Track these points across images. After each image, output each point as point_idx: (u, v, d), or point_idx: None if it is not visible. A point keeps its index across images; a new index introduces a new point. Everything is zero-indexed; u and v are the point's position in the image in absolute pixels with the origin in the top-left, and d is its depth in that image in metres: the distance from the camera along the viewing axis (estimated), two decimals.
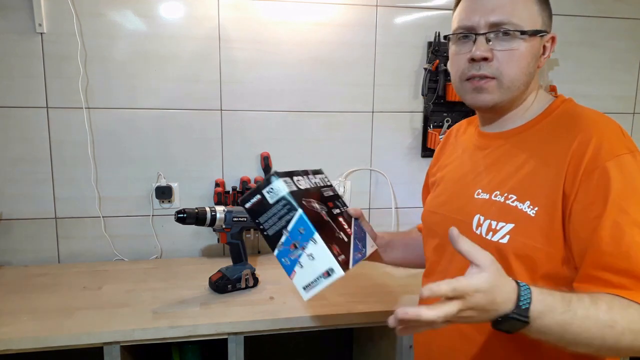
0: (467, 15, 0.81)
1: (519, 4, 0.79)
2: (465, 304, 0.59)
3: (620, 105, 1.96)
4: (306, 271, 0.79)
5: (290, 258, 0.80)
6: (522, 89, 0.82)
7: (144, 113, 1.63)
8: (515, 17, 0.78)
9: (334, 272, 0.77)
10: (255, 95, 1.69)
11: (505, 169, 0.83)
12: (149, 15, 1.58)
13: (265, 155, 1.71)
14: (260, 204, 0.79)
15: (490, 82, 0.81)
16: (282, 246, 0.80)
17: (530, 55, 0.80)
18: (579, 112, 0.80)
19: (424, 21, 1.75)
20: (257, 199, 0.80)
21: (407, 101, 1.80)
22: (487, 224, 0.80)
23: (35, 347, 1.14)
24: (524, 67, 0.80)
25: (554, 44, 0.84)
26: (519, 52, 0.78)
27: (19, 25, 1.51)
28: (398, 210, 1.87)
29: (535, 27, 0.79)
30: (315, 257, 0.78)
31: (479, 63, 0.80)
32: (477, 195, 0.85)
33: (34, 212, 1.62)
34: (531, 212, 0.75)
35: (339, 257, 0.79)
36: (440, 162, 1.05)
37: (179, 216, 1.31)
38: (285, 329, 1.27)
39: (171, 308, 1.29)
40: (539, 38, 0.80)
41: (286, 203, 0.79)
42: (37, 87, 1.55)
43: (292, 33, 1.67)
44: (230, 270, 1.43)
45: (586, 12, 1.85)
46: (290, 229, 0.79)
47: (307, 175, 0.95)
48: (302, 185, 0.87)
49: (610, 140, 0.72)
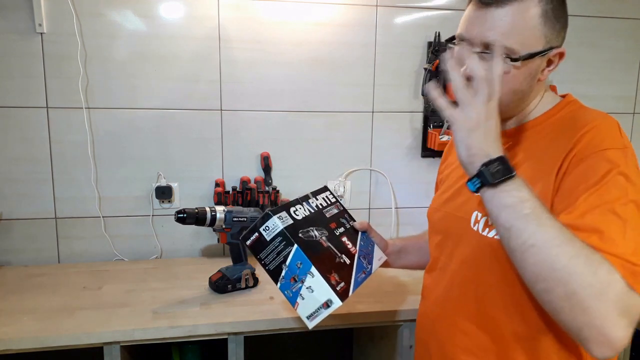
0: (467, 27, 0.79)
1: (518, 24, 0.74)
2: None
3: (620, 105, 1.96)
4: (307, 302, 0.82)
5: (292, 290, 0.83)
6: (512, 105, 0.82)
7: (144, 113, 1.63)
8: (510, 40, 0.74)
9: (333, 303, 0.81)
10: (255, 95, 1.69)
11: None
12: (148, 15, 1.58)
13: (265, 155, 1.71)
14: (259, 242, 0.83)
15: None
16: (283, 280, 0.84)
17: (523, 76, 0.78)
18: (582, 112, 0.80)
19: (424, 21, 1.75)
20: (255, 236, 0.84)
21: (407, 101, 1.80)
22: (484, 220, 0.82)
23: (35, 347, 1.14)
24: (515, 87, 0.78)
25: (562, 58, 0.81)
26: (508, 76, 0.76)
27: (19, 25, 1.51)
28: (398, 210, 1.87)
29: (534, 48, 0.76)
30: (314, 289, 0.82)
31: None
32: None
33: (34, 212, 1.62)
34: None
35: (338, 286, 0.83)
36: (448, 161, 1.06)
37: (179, 216, 1.31)
38: (285, 329, 1.27)
39: (171, 308, 1.29)
40: (539, 57, 0.77)
41: (282, 239, 0.82)
42: (37, 87, 1.55)
43: (292, 33, 1.67)
44: (230, 270, 1.43)
45: (586, 12, 1.85)
46: (289, 263, 0.83)
47: (308, 200, 0.97)
48: (300, 214, 0.91)
49: (603, 135, 0.73)
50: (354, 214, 1.83)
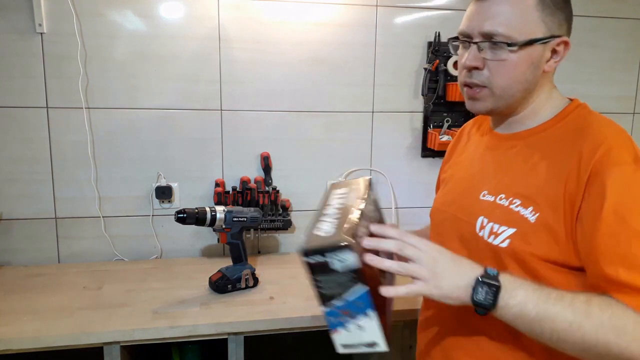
0: (465, 22, 0.81)
1: (515, 13, 0.76)
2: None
3: (620, 105, 1.96)
4: (351, 335, 0.78)
5: (339, 320, 0.78)
6: (518, 96, 0.81)
7: (144, 113, 1.63)
8: (508, 28, 0.76)
9: (378, 346, 0.77)
10: (255, 95, 1.69)
11: (512, 172, 0.83)
12: (148, 15, 1.58)
13: (265, 155, 1.71)
14: (324, 266, 0.74)
15: (482, 90, 0.81)
16: (333, 307, 0.77)
17: (526, 64, 0.78)
18: (591, 119, 0.79)
19: (424, 21, 1.75)
20: (321, 260, 0.74)
21: (407, 101, 1.80)
22: (490, 226, 0.81)
23: (35, 347, 1.14)
24: (517, 76, 0.79)
25: (567, 47, 0.81)
26: (509, 63, 0.77)
27: (19, 25, 1.51)
28: (398, 210, 1.86)
29: (534, 35, 0.77)
30: (365, 329, 0.77)
31: (471, 71, 0.81)
32: (483, 197, 0.85)
33: (34, 212, 1.62)
34: (532, 218, 0.76)
35: (387, 331, 0.78)
36: (452, 160, 1.04)
37: (179, 216, 1.31)
38: (285, 329, 1.27)
39: (171, 308, 1.29)
40: (541, 45, 0.78)
41: (354, 277, 0.73)
42: (37, 87, 1.55)
43: (292, 33, 1.67)
44: (230, 270, 1.43)
45: (586, 12, 1.85)
46: (349, 299, 0.76)
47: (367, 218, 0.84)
48: (362, 237, 0.78)
49: (616, 149, 0.72)
50: None
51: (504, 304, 0.68)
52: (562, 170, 0.75)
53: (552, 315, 0.66)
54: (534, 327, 0.68)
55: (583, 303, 0.67)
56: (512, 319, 0.69)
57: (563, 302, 0.67)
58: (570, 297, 0.68)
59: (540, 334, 0.68)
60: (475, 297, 0.69)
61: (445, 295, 0.70)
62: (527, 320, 0.68)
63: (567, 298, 0.68)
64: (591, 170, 0.71)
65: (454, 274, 0.71)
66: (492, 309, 0.69)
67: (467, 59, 0.80)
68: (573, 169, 0.73)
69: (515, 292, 0.68)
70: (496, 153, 0.88)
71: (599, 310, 0.66)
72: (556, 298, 0.68)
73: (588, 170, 0.71)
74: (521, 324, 0.69)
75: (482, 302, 0.68)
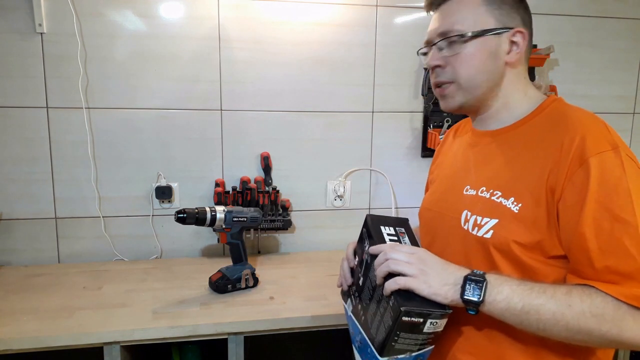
0: (427, 32, 0.88)
1: (463, 11, 0.83)
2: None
3: (620, 105, 1.95)
4: None
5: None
6: (484, 87, 0.84)
7: (144, 113, 1.63)
8: (458, 24, 0.82)
9: None
10: (255, 95, 1.69)
11: (492, 166, 0.85)
12: (148, 15, 1.58)
13: (265, 155, 1.71)
14: (414, 325, 0.74)
15: (449, 87, 0.86)
16: (393, 359, 0.78)
17: (484, 54, 0.82)
18: (566, 111, 0.81)
19: (424, 21, 1.75)
20: (417, 320, 0.74)
21: (407, 101, 1.80)
22: (474, 219, 0.83)
23: (35, 347, 1.14)
24: (478, 66, 0.83)
25: (525, 39, 0.84)
26: (466, 54, 0.82)
27: (19, 25, 1.51)
28: (398, 210, 1.86)
29: (484, 27, 0.82)
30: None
31: (435, 71, 0.87)
32: (466, 192, 0.88)
33: (34, 212, 1.62)
34: (515, 208, 0.78)
35: None
36: (438, 161, 1.08)
37: (179, 216, 1.31)
38: (285, 329, 1.27)
39: (171, 308, 1.29)
40: (494, 36, 0.82)
41: (432, 338, 0.78)
42: (37, 87, 1.55)
43: (292, 33, 1.67)
44: (230, 270, 1.43)
45: (586, 12, 1.85)
46: (416, 355, 0.79)
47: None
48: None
49: (594, 137, 0.73)
50: (354, 214, 1.85)
51: (492, 299, 0.72)
52: (542, 161, 0.77)
53: (536, 307, 0.71)
54: (522, 319, 0.72)
55: (564, 294, 0.71)
56: (500, 312, 0.73)
57: (546, 295, 0.71)
58: (552, 290, 0.72)
59: (528, 325, 0.72)
60: (465, 294, 0.73)
61: (434, 292, 0.74)
62: (515, 313, 0.72)
63: (549, 290, 0.71)
64: (571, 159, 0.73)
65: (442, 273, 0.76)
66: (481, 304, 0.72)
67: (430, 60, 0.87)
68: (553, 159, 0.75)
69: (501, 288, 0.73)
70: (476, 149, 0.91)
71: (579, 300, 0.70)
72: (539, 291, 0.71)
73: (568, 160, 0.73)
74: (510, 316, 0.72)
75: (471, 298, 0.72)
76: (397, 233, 0.89)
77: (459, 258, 0.84)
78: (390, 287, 0.76)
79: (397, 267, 0.77)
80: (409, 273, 0.76)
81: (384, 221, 0.92)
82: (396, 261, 0.77)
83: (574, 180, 0.72)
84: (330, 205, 1.81)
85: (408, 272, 0.76)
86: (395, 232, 0.90)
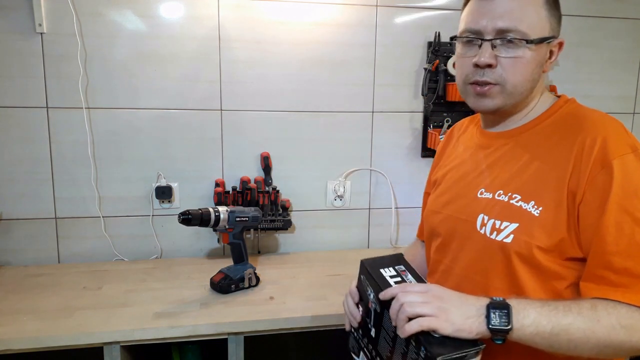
0: (474, 19, 0.80)
1: (528, 10, 0.76)
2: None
3: (620, 105, 1.95)
4: None
5: None
6: (525, 95, 0.82)
7: (144, 113, 1.63)
8: (524, 24, 0.76)
9: None
10: (255, 95, 1.69)
11: (508, 169, 0.83)
12: (148, 15, 1.58)
13: (265, 155, 1.71)
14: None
15: (493, 88, 0.80)
16: None
17: (535, 63, 0.79)
18: (583, 112, 0.80)
19: (424, 21, 1.75)
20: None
21: (407, 101, 1.80)
22: (491, 223, 0.81)
23: (35, 347, 1.14)
24: (528, 75, 0.79)
25: (561, 49, 0.82)
26: (524, 60, 0.77)
27: (19, 25, 1.51)
28: (398, 210, 1.86)
29: (543, 34, 0.78)
30: None
31: (483, 69, 0.80)
32: (480, 195, 0.85)
33: (34, 212, 1.62)
34: (535, 212, 0.76)
35: None
36: (442, 162, 1.05)
37: (184, 217, 1.30)
38: (285, 329, 1.27)
39: (171, 308, 1.29)
40: (546, 44, 0.79)
41: None
42: (37, 87, 1.55)
43: (292, 33, 1.67)
44: (233, 270, 1.43)
45: (586, 12, 1.85)
46: None
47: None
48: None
49: (615, 140, 0.73)
50: (354, 214, 1.85)
51: (520, 325, 0.69)
52: (561, 163, 0.75)
53: (565, 327, 0.68)
54: (552, 342, 0.69)
55: (589, 310, 0.69)
56: (530, 337, 0.69)
57: (572, 313, 0.69)
58: (577, 306, 0.69)
59: (558, 347, 0.69)
60: (492, 324, 0.69)
61: (458, 329, 0.70)
62: (544, 337, 0.69)
63: (574, 308, 0.69)
64: (593, 162, 0.72)
65: (462, 306, 0.72)
66: (509, 332, 0.68)
67: (481, 57, 0.79)
68: (574, 161, 0.74)
69: (527, 312, 0.69)
70: (488, 151, 0.89)
71: (606, 313, 0.68)
72: (564, 310, 0.69)
73: (590, 162, 0.72)
74: (540, 340, 0.69)
75: (498, 326, 0.68)
76: (398, 273, 0.86)
77: (476, 263, 0.83)
78: (411, 329, 0.70)
79: (414, 310, 0.71)
80: (428, 313, 0.70)
81: (380, 263, 0.88)
82: (412, 303, 0.72)
83: (596, 183, 0.71)
84: (330, 205, 1.81)
85: (427, 313, 0.70)
86: (396, 271, 0.86)
